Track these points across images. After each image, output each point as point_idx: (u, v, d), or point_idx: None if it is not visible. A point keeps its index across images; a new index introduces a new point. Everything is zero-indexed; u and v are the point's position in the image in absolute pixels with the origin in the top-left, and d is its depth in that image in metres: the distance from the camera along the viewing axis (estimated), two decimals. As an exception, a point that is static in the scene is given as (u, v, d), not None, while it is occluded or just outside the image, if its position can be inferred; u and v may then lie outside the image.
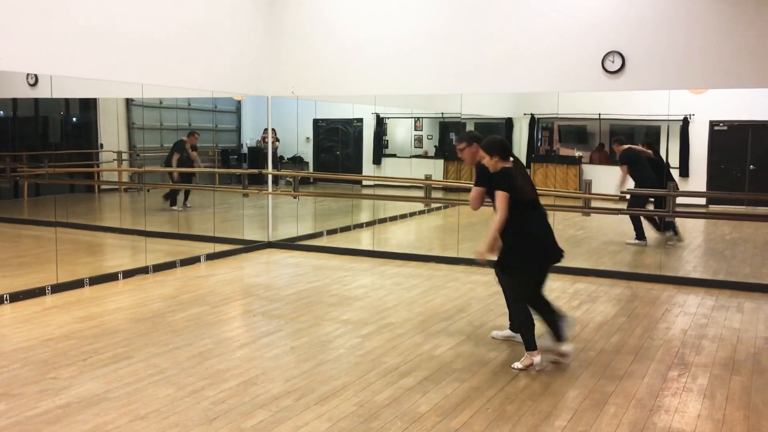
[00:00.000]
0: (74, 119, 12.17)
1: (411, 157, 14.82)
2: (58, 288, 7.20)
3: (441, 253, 9.63)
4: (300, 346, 5.54)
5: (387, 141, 15.16)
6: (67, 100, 11.24)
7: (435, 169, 13.92)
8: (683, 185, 11.59)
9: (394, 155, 15.01)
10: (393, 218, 12.60)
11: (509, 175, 5.01)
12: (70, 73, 7.33)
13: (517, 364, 5.04)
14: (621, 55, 8.14)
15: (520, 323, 5.18)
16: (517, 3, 8.73)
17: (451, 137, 14.76)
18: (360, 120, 14.61)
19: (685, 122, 12.27)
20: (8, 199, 11.87)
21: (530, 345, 5.05)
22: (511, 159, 5.10)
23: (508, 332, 5.72)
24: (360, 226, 11.71)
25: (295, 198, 10.69)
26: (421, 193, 10.65)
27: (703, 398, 4.58)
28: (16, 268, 8.44)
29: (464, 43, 8.96)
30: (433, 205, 12.90)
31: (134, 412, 4.19)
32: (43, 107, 11.25)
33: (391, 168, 14.41)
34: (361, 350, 5.46)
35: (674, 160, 12.57)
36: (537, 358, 5.02)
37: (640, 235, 10.04)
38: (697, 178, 12.06)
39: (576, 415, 4.24)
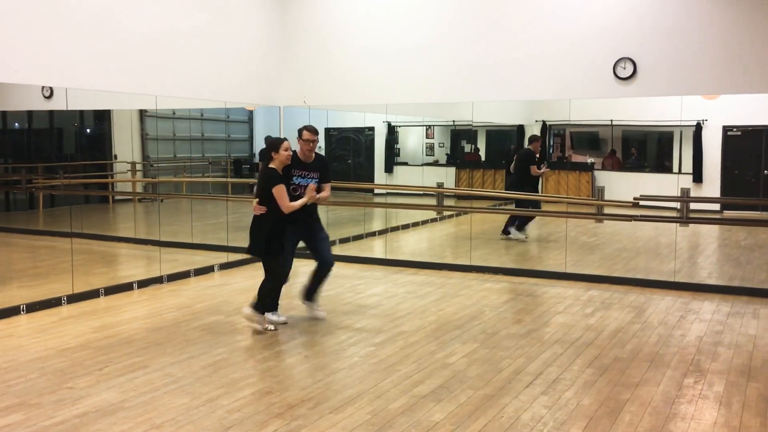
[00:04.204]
0: (88, 131, 12.29)
1: (423, 165, 14.83)
2: (73, 298, 7.26)
3: (453, 260, 9.63)
4: (314, 354, 5.56)
5: (399, 149, 15.17)
6: (81, 112, 11.36)
7: (447, 177, 13.91)
8: (696, 191, 11.52)
9: (405, 163, 15.02)
10: (405, 226, 12.60)
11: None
12: (85, 85, 7.42)
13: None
14: (632, 61, 8.13)
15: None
16: (528, 11, 8.75)
17: (463, 145, 14.76)
18: (371, 129, 14.63)
19: (698, 128, 12.21)
20: (24, 210, 11.98)
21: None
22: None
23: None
24: (372, 234, 11.73)
25: (307, 207, 10.71)
26: (433, 201, 10.66)
27: (720, 405, 4.55)
28: (33, 278, 8.51)
29: (475, 51, 8.98)
30: (445, 213, 12.90)
31: (150, 421, 4.22)
32: (58, 119, 11.37)
33: (402, 176, 14.41)
34: (374, 358, 5.46)
35: (687, 166, 12.51)
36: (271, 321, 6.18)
37: (521, 226, 10.79)
38: (711, 184, 12.00)
39: (591, 423, 4.23)
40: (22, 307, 6.81)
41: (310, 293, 6.60)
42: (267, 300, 6.16)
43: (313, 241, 6.46)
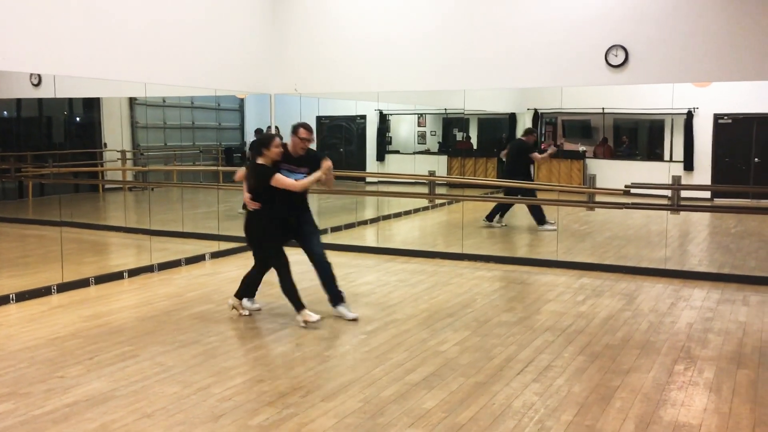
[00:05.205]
0: (78, 119, 12.19)
1: (414, 153, 14.80)
2: (63, 287, 7.23)
3: (445, 249, 9.63)
4: (305, 343, 5.55)
5: (390, 137, 15.13)
6: (70, 100, 11.26)
7: (438, 165, 13.89)
8: (687, 179, 11.55)
9: (397, 152, 14.99)
10: (397, 215, 12.59)
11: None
12: (74, 72, 7.35)
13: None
14: (624, 48, 8.12)
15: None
16: (520, -2, 8.71)
17: (455, 133, 14.73)
18: (363, 117, 14.58)
19: (689, 116, 12.23)
20: (13, 199, 11.89)
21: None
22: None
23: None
24: (364, 222, 11.71)
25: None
26: (425, 190, 10.65)
27: (710, 392, 4.57)
28: (22, 267, 8.46)
29: (467, 38, 8.94)
30: (437, 202, 12.89)
31: (141, 410, 4.20)
32: (46, 107, 11.26)
33: (394, 164, 14.38)
34: (366, 347, 5.46)
35: (678, 154, 12.54)
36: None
37: (541, 221, 10.60)
38: (702, 172, 12.02)
39: (582, 409, 4.24)
40: (11, 296, 6.77)
41: (332, 298, 6.27)
42: (247, 287, 6.35)
43: (300, 237, 6.34)
